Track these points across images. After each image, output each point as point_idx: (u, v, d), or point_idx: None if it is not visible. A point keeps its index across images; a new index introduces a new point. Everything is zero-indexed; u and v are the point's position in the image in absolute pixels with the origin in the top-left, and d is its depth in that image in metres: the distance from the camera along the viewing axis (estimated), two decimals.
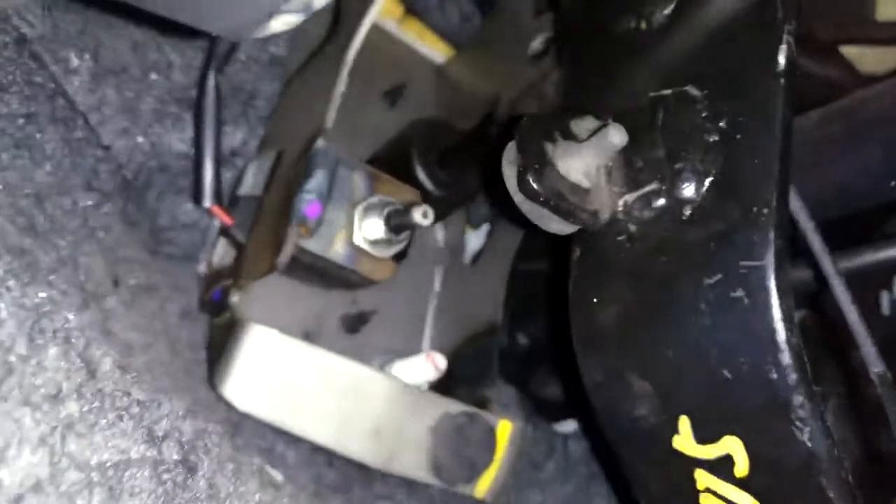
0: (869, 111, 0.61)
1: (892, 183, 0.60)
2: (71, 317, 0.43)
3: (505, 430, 0.71)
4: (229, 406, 0.60)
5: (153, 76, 0.72)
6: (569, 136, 0.49)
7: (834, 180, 0.63)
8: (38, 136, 0.64)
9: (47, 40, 0.65)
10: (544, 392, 0.92)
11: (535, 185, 0.46)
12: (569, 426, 0.89)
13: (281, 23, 0.30)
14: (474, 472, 0.68)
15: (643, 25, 0.54)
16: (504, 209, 0.85)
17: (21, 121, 0.63)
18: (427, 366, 0.74)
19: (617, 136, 0.46)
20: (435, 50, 0.85)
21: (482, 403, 0.74)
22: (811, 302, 0.70)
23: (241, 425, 0.59)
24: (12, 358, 0.36)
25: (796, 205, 0.45)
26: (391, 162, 0.74)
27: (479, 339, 0.80)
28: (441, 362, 0.74)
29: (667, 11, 0.53)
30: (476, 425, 0.68)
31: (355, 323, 0.77)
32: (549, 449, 0.83)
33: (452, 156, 0.75)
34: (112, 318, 0.57)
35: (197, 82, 0.73)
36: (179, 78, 0.73)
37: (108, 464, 0.38)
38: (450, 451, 0.67)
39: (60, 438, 0.36)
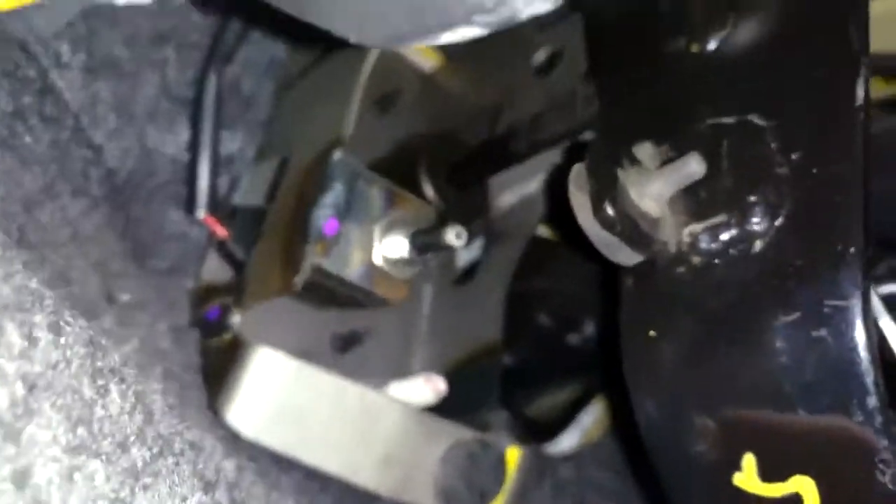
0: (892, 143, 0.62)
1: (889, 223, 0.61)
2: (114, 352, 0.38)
3: (513, 456, 0.69)
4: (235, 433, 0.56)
5: (148, 73, 0.67)
6: (634, 162, 0.48)
7: None
8: (25, 135, 0.58)
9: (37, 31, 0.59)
10: (531, 412, 0.91)
11: (611, 213, 0.44)
12: (557, 447, 0.87)
13: (457, 33, 0.27)
14: (484, 501, 0.65)
15: (695, 48, 0.53)
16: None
17: (8, 118, 0.57)
18: (425, 388, 0.71)
19: (697, 165, 0.45)
20: (423, 57, 0.82)
21: (483, 427, 0.72)
22: None
23: (260, 457, 0.55)
24: (79, 403, 0.31)
25: None
26: (393, 173, 0.71)
27: (477, 361, 0.77)
28: (441, 385, 0.71)
29: (721, 36, 0.52)
30: (487, 453, 0.66)
31: (346, 343, 0.73)
32: (539, 473, 0.81)
33: (460, 171, 0.72)
34: (112, 339, 0.52)
35: (193, 81, 0.68)
36: (174, 75, 0.68)
37: None
38: (461, 479, 0.64)
39: (129, 491, 0.31)
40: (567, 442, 0.92)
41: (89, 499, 0.30)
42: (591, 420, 0.96)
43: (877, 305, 0.48)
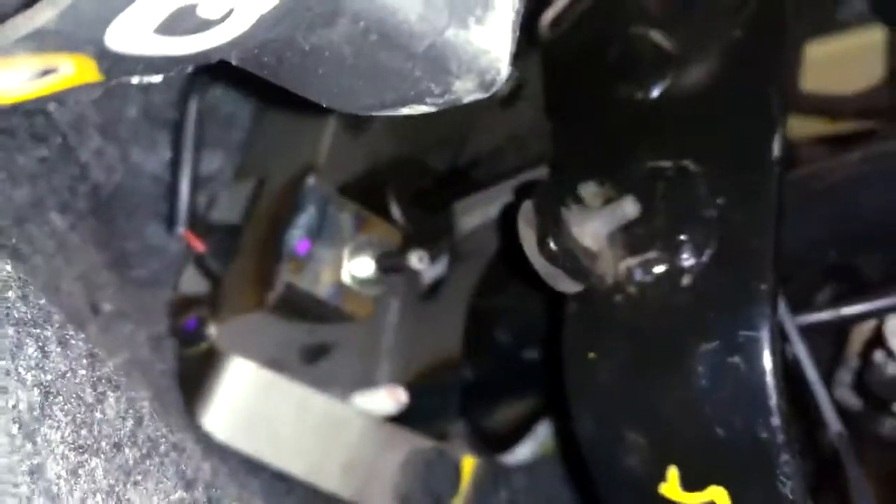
0: (818, 186, 0.68)
1: (832, 252, 0.66)
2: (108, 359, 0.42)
3: (468, 464, 0.73)
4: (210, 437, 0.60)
5: (132, 94, 0.71)
6: (579, 200, 0.53)
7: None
8: (16, 153, 0.62)
9: None
10: (488, 423, 0.96)
11: (554, 248, 0.49)
12: (513, 458, 0.92)
13: (413, 109, 0.32)
14: None
15: (640, 96, 0.59)
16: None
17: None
18: (388, 400, 0.76)
19: (631, 208, 0.50)
20: None
21: (442, 437, 0.76)
22: None
23: (231, 459, 0.59)
24: (83, 408, 0.36)
25: None
26: (363, 195, 0.75)
27: (438, 373, 0.82)
28: (402, 396, 0.76)
29: (664, 86, 0.58)
30: (443, 461, 0.71)
31: (315, 355, 0.77)
32: (495, 482, 0.86)
33: (427, 195, 0.77)
34: (105, 350, 0.56)
35: (175, 103, 0.72)
36: (156, 97, 0.72)
37: None
38: (418, 485, 0.69)
39: (123, 486, 0.36)
40: (523, 453, 0.97)
41: (90, 492, 0.34)
42: (546, 432, 1.01)
43: (792, 333, 0.54)
